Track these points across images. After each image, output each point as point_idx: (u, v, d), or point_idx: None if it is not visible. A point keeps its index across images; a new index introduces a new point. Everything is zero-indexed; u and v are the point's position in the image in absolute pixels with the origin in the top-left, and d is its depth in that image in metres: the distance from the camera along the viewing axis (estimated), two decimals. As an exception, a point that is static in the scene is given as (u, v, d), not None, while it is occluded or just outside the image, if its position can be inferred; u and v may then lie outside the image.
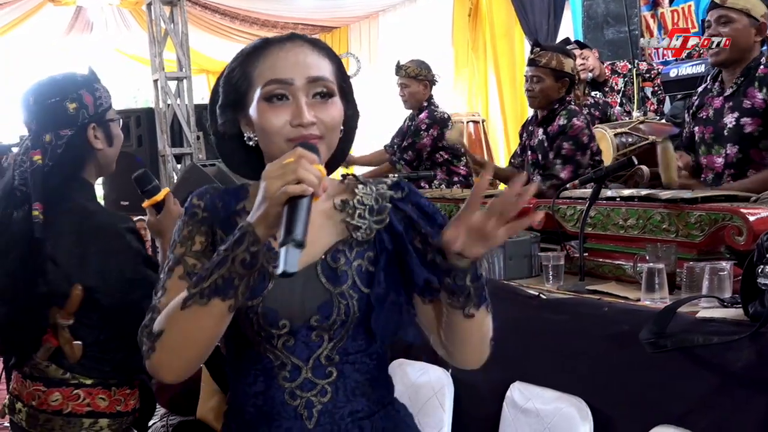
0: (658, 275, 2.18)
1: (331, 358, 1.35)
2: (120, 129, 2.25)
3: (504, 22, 7.90)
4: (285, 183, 1.14)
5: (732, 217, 2.17)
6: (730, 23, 2.99)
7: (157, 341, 1.25)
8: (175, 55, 6.25)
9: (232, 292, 1.19)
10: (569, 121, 3.70)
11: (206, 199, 1.38)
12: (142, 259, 2.12)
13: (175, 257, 1.35)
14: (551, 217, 2.74)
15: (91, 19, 10.26)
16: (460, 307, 1.26)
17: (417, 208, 1.40)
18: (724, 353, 1.87)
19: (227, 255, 1.18)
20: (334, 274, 1.34)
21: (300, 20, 10.53)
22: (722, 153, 3.03)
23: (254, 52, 1.35)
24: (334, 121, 1.33)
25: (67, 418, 2.11)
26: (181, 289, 1.25)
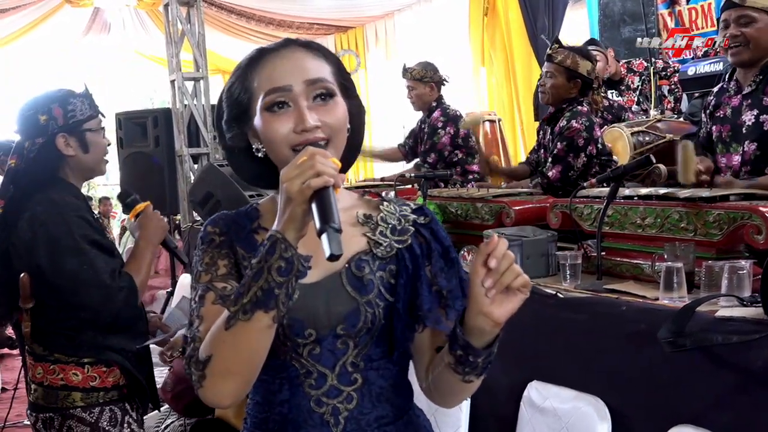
0: (676, 274, 2.16)
1: (356, 364, 1.37)
2: (103, 137, 2.50)
3: (517, 21, 7.89)
4: (305, 179, 1.16)
5: (751, 215, 2.16)
6: (753, 23, 2.93)
7: (206, 368, 1.24)
8: (192, 56, 6.27)
9: (273, 302, 1.19)
10: (568, 122, 3.70)
11: (220, 224, 1.40)
12: (88, 242, 2.35)
13: (202, 286, 1.34)
14: (568, 216, 2.73)
15: (109, 21, 10.34)
16: (462, 374, 1.30)
17: (435, 238, 1.43)
18: (744, 352, 1.86)
19: (262, 266, 1.18)
20: (360, 282, 1.36)
21: (315, 20, 10.55)
22: (740, 151, 3.01)
23: (250, 64, 1.37)
24: (338, 122, 1.34)
25: (46, 389, 2.42)
26: (217, 314, 1.26)
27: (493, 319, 1.22)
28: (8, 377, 6.09)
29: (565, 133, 3.70)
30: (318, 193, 1.16)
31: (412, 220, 1.44)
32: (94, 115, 2.47)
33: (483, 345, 1.26)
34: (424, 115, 5.16)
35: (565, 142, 3.69)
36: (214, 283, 1.34)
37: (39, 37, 10.43)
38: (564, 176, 3.65)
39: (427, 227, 1.43)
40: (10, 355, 6.78)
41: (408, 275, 1.38)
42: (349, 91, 1.40)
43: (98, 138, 2.47)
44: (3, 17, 9.49)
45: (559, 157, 3.69)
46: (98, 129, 2.48)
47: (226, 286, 1.33)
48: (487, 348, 1.26)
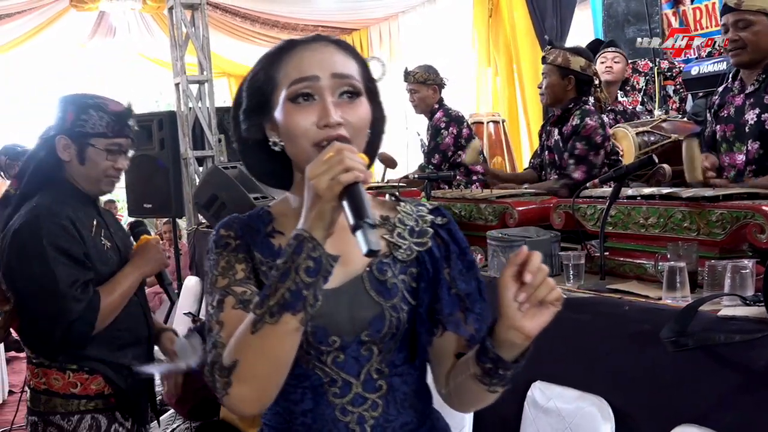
0: (679, 274, 2.16)
1: (381, 371, 1.34)
2: (106, 159, 2.40)
3: (524, 22, 7.87)
4: (334, 175, 1.12)
5: (754, 214, 2.16)
6: (750, 26, 2.95)
7: (232, 374, 1.19)
8: (197, 59, 6.28)
9: (301, 304, 1.15)
10: (582, 120, 3.71)
11: (235, 227, 1.35)
12: (56, 249, 2.27)
13: (220, 290, 1.30)
14: (571, 216, 2.74)
15: (114, 24, 10.36)
16: (488, 385, 1.27)
17: (453, 240, 1.40)
18: (747, 352, 1.86)
19: (289, 266, 1.14)
20: (384, 286, 1.33)
21: (320, 22, 10.55)
22: (743, 150, 3.02)
23: (278, 53, 1.33)
24: (361, 122, 1.30)
25: (32, 392, 2.40)
26: (238, 319, 1.22)
27: (524, 333, 1.19)
28: (16, 380, 6.11)
29: (581, 132, 3.70)
30: (348, 189, 1.13)
31: (430, 221, 1.41)
32: (108, 135, 2.38)
33: (513, 358, 1.24)
34: (426, 118, 5.18)
35: (584, 141, 3.69)
36: (232, 287, 1.29)
37: (45, 41, 10.46)
38: (589, 175, 3.63)
39: (445, 228, 1.41)
40: (17, 358, 6.81)
41: (429, 278, 1.36)
42: (373, 96, 1.37)
43: (98, 157, 2.39)
44: (9, 21, 9.53)
45: (581, 157, 3.69)
46: (104, 149, 2.39)
47: (246, 291, 1.29)
48: (516, 361, 1.24)
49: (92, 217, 2.43)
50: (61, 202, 2.36)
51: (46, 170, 2.41)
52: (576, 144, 3.71)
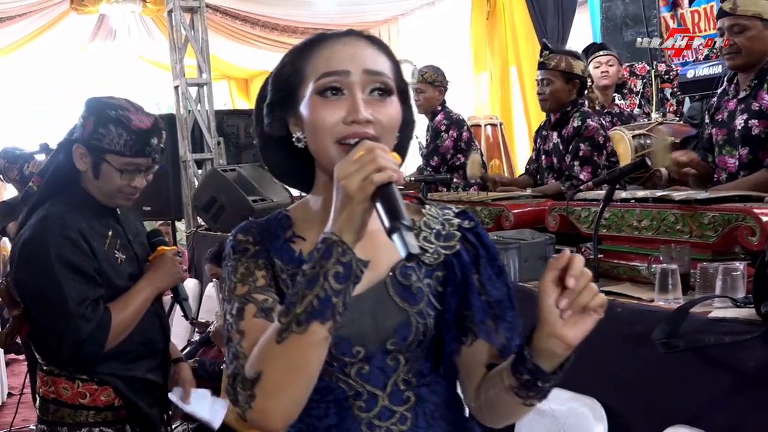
0: (671, 276, 2.18)
1: (408, 381, 1.27)
2: (120, 178, 2.24)
3: (523, 24, 7.90)
4: (366, 174, 1.06)
5: (745, 217, 2.17)
6: (745, 31, 2.97)
7: (256, 386, 1.12)
8: (196, 62, 6.32)
9: (330, 312, 1.08)
10: (583, 122, 3.73)
11: (253, 233, 1.29)
12: (64, 264, 2.16)
13: (239, 298, 1.23)
14: (566, 219, 2.75)
15: (114, 27, 10.39)
16: (524, 398, 1.21)
17: (482, 244, 1.33)
18: (737, 353, 1.88)
19: (317, 272, 1.07)
20: (408, 291, 1.26)
21: (320, 25, 10.55)
22: (735, 154, 3.04)
23: (308, 46, 1.27)
24: (391, 121, 1.23)
25: (41, 400, 2.31)
26: (260, 328, 1.17)
27: (566, 342, 1.13)
28: (15, 382, 6.13)
29: (584, 134, 3.73)
30: (381, 189, 1.06)
31: (457, 225, 1.34)
32: (125, 154, 2.21)
33: (552, 369, 1.16)
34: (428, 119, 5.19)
35: (587, 142, 3.72)
36: (253, 295, 1.23)
37: (45, 44, 10.49)
38: (594, 176, 3.64)
39: (473, 232, 1.34)
40: (16, 360, 6.83)
41: (456, 283, 1.29)
42: (404, 97, 1.30)
43: (113, 174, 2.24)
44: (9, 24, 9.56)
45: (586, 158, 3.71)
46: (119, 168, 2.23)
47: (267, 298, 1.22)
48: (555, 372, 1.17)
49: (108, 227, 2.32)
50: (75, 210, 2.25)
51: (62, 175, 2.30)
52: (579, 145, 3.73)
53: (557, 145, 3.90)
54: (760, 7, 2.97)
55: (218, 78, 12.73)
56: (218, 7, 9.62)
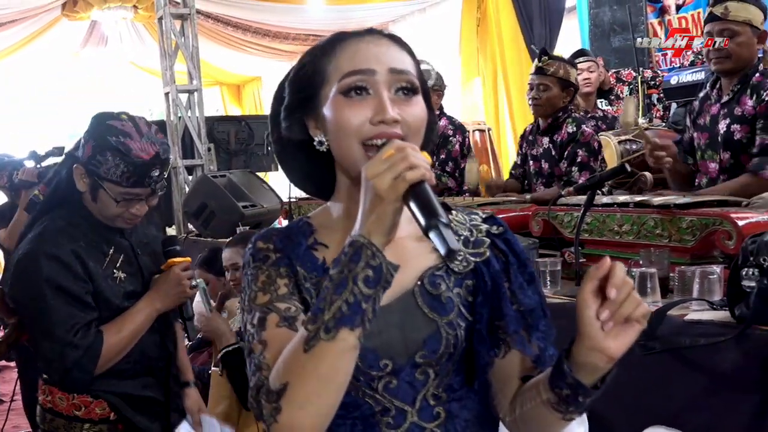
0: (650, 279, 2.22)
1: (438, 396, 1.21)
2: (116, 207, 2.16)
3: (511, 31, 7.97)
4: (398, 173, 1.02)
5: (722, 221, 2.22)
6: (735, 36, 3.00)
7: (282, 398, 1.06)
8: (186, 68, 6.36)
9: (360, 318, 1.03)
10: (578, 128, 3.79)
11: (274, 240, 1.24)
12: (54, 288, 2.10)
13: (260, 308, 1.18)
14: (549, 224, 2.79)
15: (106, 33, 10.42)
16: (563, 413, 1.16)
17: (512, 251, 1.28)
18: (712, 355, 1.92)
19: (345, 276, 1.03)
20: (437, 301, 1.20)
21: (312, 31, 10.62)
22: (716, 159, 3.08)
23: (329, 45, 1.22)
24: (418, 121, 1.18)
25: (40, 408, 2.27)
26: (283, 337, 1.12)
27: (608, 355, 1.07)
28: (6, 389, 6.13)
29: (580, 140, 3.79)
30: (413, 188, 1.02)
31: (485, 231, 1.29)
32: (122, 185, 2.12)
33: (593, 383, 1.11)
34: None
35: (584, 148, 3.78)
36: (275, 303, 1.18)
37: (37, 50, 10.51)
38: None
39: (502, 238, 1.28)
40: (7, 367, 6.83)
41: (487, 292, 1.23)
42: (426, 97, 1.24)
43: (109, 201, 2.15)
44: (1, 30, 9.58)
45: (584, 163, 3.77)
46: (115, 198, 2.15)
47: (290, 307, 1.17)
48: (597, 387, 1.12)
49: (110, 244, 2.24)
50: (75, 226, 2.19)
51: (64, 190, 2.23)
52: (577, 151, 3.79)
53: (548, 150, 3.94)
54: (751, 14, 3.01)
55: (210, 84, 12.77)
56: (210, 13, 9.66)
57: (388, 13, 9.92)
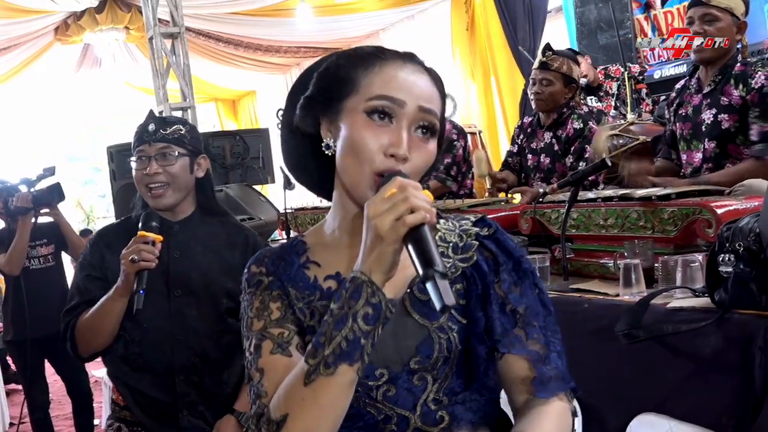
0: (634, 270, 2.27)
1: (439, 400, 1.22)
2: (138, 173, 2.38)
3: (497, 34, 8.03)
4: (399, 215, 1.03)
5: (702, 210, 2.26)
6: (716, 21, 3.06)
7: (282, 428, 1.10)
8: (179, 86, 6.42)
9: (359, 354, 1.06)
10: (585, 124, 3.83)
11: (266, 263, 1.28)
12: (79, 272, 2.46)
13: (256, 335, 1.21)
14: (537, 221, 2.84)
15: (99, 56, 10.50)
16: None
17: (503, 250, 1.28)
18: (694, 340, 1.96)
19: (345, 313, 1.06)
20: (427, 307, 1.21)
21: (302, 43, 10.71)
22: (700, 148, 3.13)
23: (369, 58, 1.23)
24: (425, 164, 1.21)
25: None
26: (279, 364, 1.17)
27: None
28: (15, 412, 6.17)
29: (587, 135, 3.84)
30: (413, 231, 1.03)
31: (475, 234, 1.29)
32: (132, 150, 2.43)
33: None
34: None
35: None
36: (269, 329, 1.21)
37: (32, 75, 10.60)
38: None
39: (492, 239, 1.28)
40: (16, 390, 6.87)
41: (478, 295, 1.24)
42: (440, 135, 1.26)
43: (133, 172, 2.43)
44: (-5, 57, 9.67)
45: (592, 159, 3.79)
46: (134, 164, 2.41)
47: (283, 332, 1.21)
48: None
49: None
50: (128, 225, 2.47)
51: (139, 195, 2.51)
52: (585, 147, 3.83)
53: (550, 145, 3.97)
54: (733, 3, 3.07)
55: (206, 100, 12.86)
56: (200, 30, 9.74)
57: (377, 22, 9.98)
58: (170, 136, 2.39)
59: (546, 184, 3.95)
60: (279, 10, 9.36)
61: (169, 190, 2.37)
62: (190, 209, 2.47)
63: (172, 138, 2.40)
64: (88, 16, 9.13)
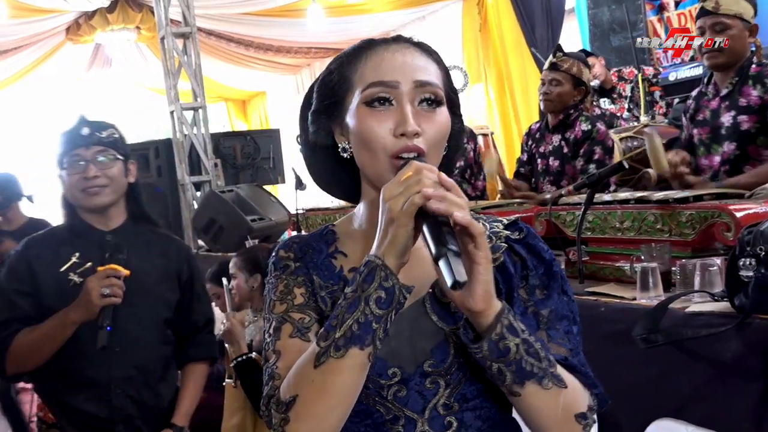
0: (651, 274, 2.24)
1: (449, 406, 1.19)
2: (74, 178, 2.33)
3: (513, 36, 8.00)
4: (410, 196, 1.04)
5: (720, 213, 2.23)
6: (727, 30, 3.04)
7: (290, 410, 1.10)
8: (190, 86, 6.41)
9: (370, 338, 1.06)
10: (593, 126, 3.81)
11: (295, 249, 1.27)
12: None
13: (277, 317, 1.21)
14: (552, 223, 2.81)
15: (110, 55, 10.52)
16: (500, 384, 1.13)
17: (533, 254, 1.26)
18: (714, 345, 1.94)
19: (358, 296, 1.06)
20: (446, 311, 1.19)
21: (313, 44, 10.70)
22: (719, 151, 3.10)
23: (355, 53, 1.23)
24: (440, 133, 1.19)
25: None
26: (296, 348, 1.16)
27: (468, 308, 1.08)
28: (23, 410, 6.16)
29: (596, 137, 3.81)
30: (428, 215, 1.03)
31: (505, 237, 1.27)
32: (65, 155, 2.36)
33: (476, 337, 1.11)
34: None
35: (600, 146, 3.81)
36: (290, 313, 1.21)
37: (43, 76, 10.63)
38: None
39: (523, 243, 1.26)
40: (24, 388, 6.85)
41: (502, 298, 1.17)
42: (454, 106, 1.25)
43: (67, 176, 2.37)
44: (6, 57, 9.68)
45: (600, 161, 3.79)
46: (67, 169, 2.36)
47: (304, 318, 1.20)
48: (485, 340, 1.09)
49: (79, 251, 2.35)
50: (56, 234, 2.42)
51: (64, 204, 2.43)
52: (594, 149, 3.81)
53: (559, 148, 3.95)
54: (742, 8, 3.05)
55: (216, 100, 12.87)
56: (212, 30, 9.74)
57: (388, 23, 9.96)
58: (107, 140, 2.36)
59: (555, 187, 3.93)
60: (290, 11, 9.36)
61: (107, 190, 2.35)
62: (122, 217, 2.43)
63: (109, 141, 2.36)
64: (99, 16, 9.14)
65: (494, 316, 1.08)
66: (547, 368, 1.12)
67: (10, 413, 4.53)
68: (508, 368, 1.10)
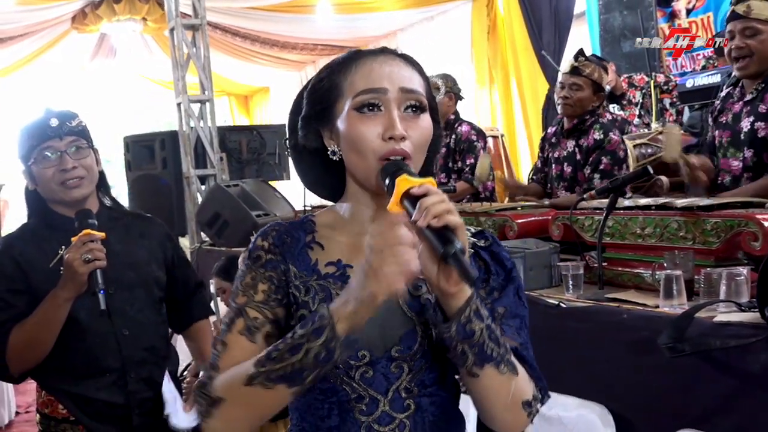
0: (675, 282, 2.21)
1: (410, 390, 1.29)
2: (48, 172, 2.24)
3: (521, 38, 7.96)
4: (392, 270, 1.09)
5: (747, 223, 2.20)
6: (757, 35, 2.98)
7: (215, 408, 1.21)
8: (197, 79, 6.36)
9: (300, 381, 1.14)
10: (606, 135, 3.77)
11: (272, 238, 1.33)
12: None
13: (236, 308, 1.29)
14: (570, 228, 2.78)
15: (115, 46, 10.46)
16: (461, 365, 1.20)
17: (495, 260, 1.35)
18: (743, 356, 1.91)
19: (301, 343, 1.13)
20: (417, 303, 1.29)
21: (319, 41, 10.65)
22: (739, 157, 3.06)
23: (345, 62, 1.32)
24: (423, 138, 1.28)
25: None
26: (241, 346, 1.25)
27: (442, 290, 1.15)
28: (21, 401, 6.13)
29: (606, 147, 3.77)
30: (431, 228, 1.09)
31: (472, 244, 1.35)
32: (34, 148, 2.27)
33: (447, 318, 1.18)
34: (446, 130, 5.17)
35: (609, 156, 3.76)
36: (247, 308, 1.28)
37: (47, 64, 10.56)
38: None
39: (487, 250, 1.36)
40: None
41: None
42: (434, 113, 1.33)
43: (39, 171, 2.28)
44: (11, 44, 9.62)
45: (606, 171, 3.74)
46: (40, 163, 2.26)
47: (258, 317, 1.28)
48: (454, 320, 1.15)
49: (66, 245, 2.21)
50: (33, 231, 2.32)
51: (30, 201, 2.36)
52: (602, 158, 3.77)
53: (573, 154, 3.91)
54: None
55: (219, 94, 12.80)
56: (218, 24, 9.68)
57: (396, 22, 9.92)
58: (77, 129, 2.29)
59: (569, 193, 3.90)
60: (298, 7, 9.31)
61: (85, 182, 2.28)
62: (96, 206, 2.37)
63: (79, 130, 2.29)
64: (105, 6, 9.08)
65: (465, 300, 1.16)
66: (504, 354, 1.20)
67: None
68: (471, 350, 1.17)
